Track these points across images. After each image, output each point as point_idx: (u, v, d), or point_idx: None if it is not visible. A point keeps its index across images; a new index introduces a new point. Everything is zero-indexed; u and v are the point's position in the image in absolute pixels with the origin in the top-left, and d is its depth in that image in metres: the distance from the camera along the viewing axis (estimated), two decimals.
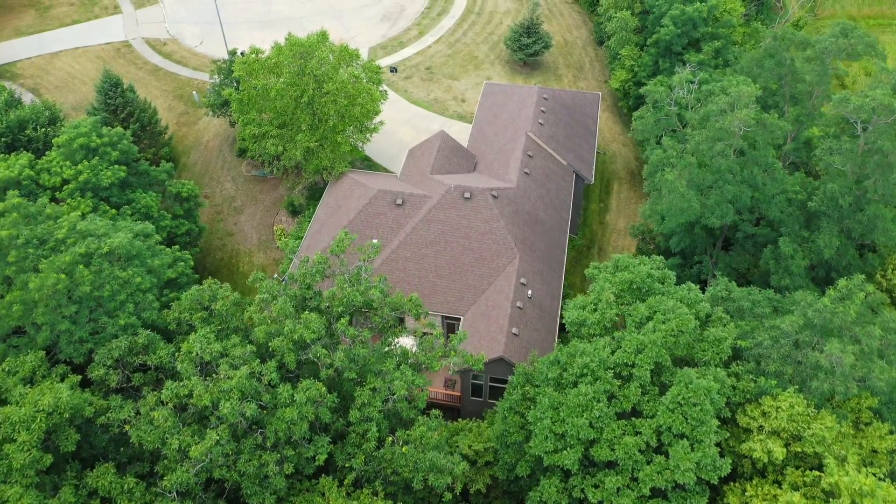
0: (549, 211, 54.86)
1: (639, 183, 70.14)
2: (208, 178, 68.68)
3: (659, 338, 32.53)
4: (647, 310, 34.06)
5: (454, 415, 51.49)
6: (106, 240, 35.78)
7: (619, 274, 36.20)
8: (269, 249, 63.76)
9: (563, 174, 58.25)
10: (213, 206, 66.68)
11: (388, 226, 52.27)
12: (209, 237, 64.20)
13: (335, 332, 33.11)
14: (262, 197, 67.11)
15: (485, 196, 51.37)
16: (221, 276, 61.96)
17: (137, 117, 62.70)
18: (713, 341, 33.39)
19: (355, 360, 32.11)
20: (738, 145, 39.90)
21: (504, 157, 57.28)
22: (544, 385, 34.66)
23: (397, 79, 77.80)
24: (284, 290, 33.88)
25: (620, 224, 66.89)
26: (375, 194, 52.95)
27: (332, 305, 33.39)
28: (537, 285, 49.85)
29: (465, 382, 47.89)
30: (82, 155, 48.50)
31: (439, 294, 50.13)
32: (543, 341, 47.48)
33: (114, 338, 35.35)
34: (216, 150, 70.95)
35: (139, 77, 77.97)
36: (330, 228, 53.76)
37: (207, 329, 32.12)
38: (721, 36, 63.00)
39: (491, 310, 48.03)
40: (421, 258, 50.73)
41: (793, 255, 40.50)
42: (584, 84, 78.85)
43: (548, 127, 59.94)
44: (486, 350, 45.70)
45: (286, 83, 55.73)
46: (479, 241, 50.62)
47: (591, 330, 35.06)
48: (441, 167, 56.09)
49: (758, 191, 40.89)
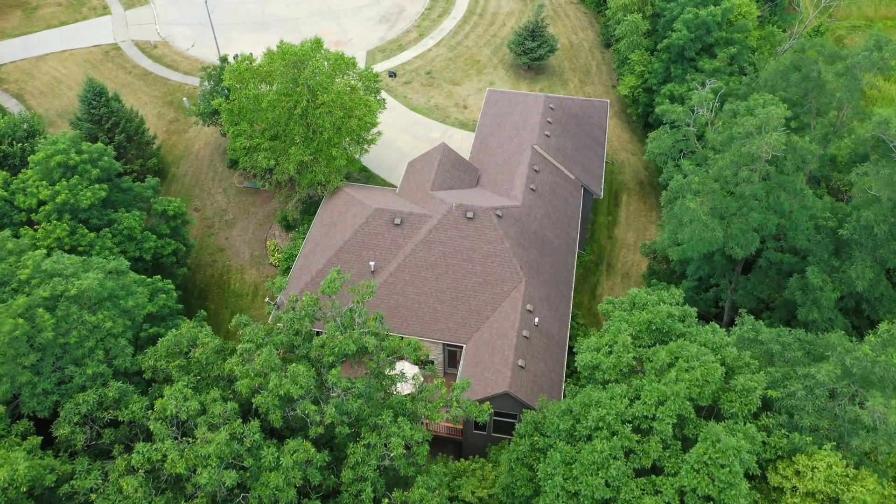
0: (556, 230, 51.86)
1: (649, 194, 67.15)
2: (199, 190, 65.67)
3: (682, 388, 29.61)
4: (668, 356, 31.11)
5: (456, 448, 48.68)
6: (74, 281, 32.70)
7: (637, 314, 33.21)
8: (262, 266, 60.82)
9: (570, 189, 55.22)
10: (203, 219, 63.70)
11: (386, 247, 49.30)
12: (199, 253, 61.27)
13: (326, 383, 30.19)
14: (255, 210, 64.12)
15: (488, 216, 48.36)
16: (212, 294, 59.11)
17: (123, 127, 59.67)
18: (741, 391, 30.45)
19: (348, 413, 29.20)
20: (764, 170, 36.89)
21: (508, 171, 54.24)
22: (555, 435, 31.77)
23: (396, 84, 74.68)
24: (270, 338, 30.90)
25: (630, 238, 63.90)
26: (372, 213, 49.95)
27: (322, 354, 30.45)
28: (544, 311, 46.90)
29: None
30: (60, 173, 45.52)
31: (440, 320, 47.20)
32: (551, 373, 44.58)
33: (82, 389, 32.35)
34: (207, 160, 67.91)
35: (128, 82, 74.87)
36: (324, 249, 50.79)
37: (184, 382, 29.18)
38: (736, 41, 59.85)
39: (495, 338, 45.10)
40: (421, 282, 47.78)
41: (822, 286, 37.55)
42: (590, 89, 75.71)
43: (554, 139, 56.87)
44: (490, 384, 42.83)
45: (279, 94, 52.70)
46: (483, 263, 47.65)
47: (606, 375, 32.11)
48: (442, 182, 53.07)
49: (784, 217, 37.90)
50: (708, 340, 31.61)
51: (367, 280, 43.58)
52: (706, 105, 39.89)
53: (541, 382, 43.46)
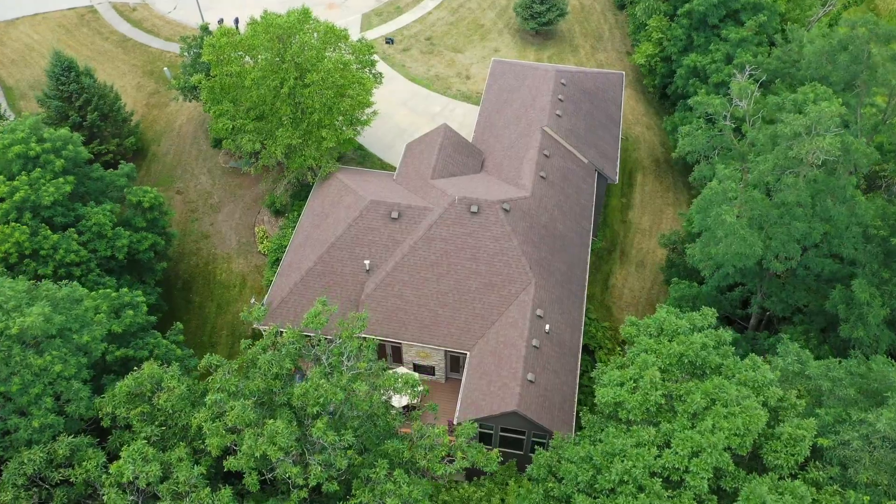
0: (568, 221, 47.47)
1: (665, 173, 62.52)
2: (181, 171, 61.04)
3: (721, 439, 25.73)
4: (703, 398, 27.14)
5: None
6: (15, 317, 28.44)
7: (666, 344, 29.10)
8: (251, 254, 56.61)
9: (583, 175, 50.62)
10: (186, 202, 59.25)
11: (383, 243, 45.02)
12: (182, 240, 57.01)
13: (310, 437, 26.28)
14: (242, 193, 59.59)
15: (494, 210, 43.94)
16: (196, 285, 55.05)
17: (96, 105, 54.85)
18: (788, 440, 26.57)
19: (337, 468, 25.40)
20: (811, 175, 32.41)
21: (516, 155, 49.58)
22: (572, 484, 28.02)
23: (394, 51, 69.30)
24: (245, 384, 26.86)
25: (645, 222, 59.51)
26: (367, 205, 45.51)
27: (306, 404, 26.47)
28: (555, 315, 42.86)
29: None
30: (19, 166, 41.04)
31: (441, 325, 43.21)
32: (563, 385, 40.76)
33: (28, 444, 28.44)
34: (190, 137, 63.08)
35: (105, 49, 69.53)
36: (314, 243, 46.51)
37: (142, 442, 25.20)
38: (764, 6, 54.39)
39: (502, 347, 41.17)
40: (420, 283, 43.64)
41: (869, 301, 33.41)
42: (603, 56, 70.31)
43: (566, 118, 52.02)
44: (496, 399, 39.06)
45: (263, 71, 47.74)
46: (488, 263, 43.43)
47: (631, 415, 28.19)
48: (444, 168, 48.49)
49: (830, 224, 33.55)
50: (748, 378, 27.59)
51: (356, 306, 39.46)
52: (746, 97, 35.13)
53: (552, 398, 39.69)
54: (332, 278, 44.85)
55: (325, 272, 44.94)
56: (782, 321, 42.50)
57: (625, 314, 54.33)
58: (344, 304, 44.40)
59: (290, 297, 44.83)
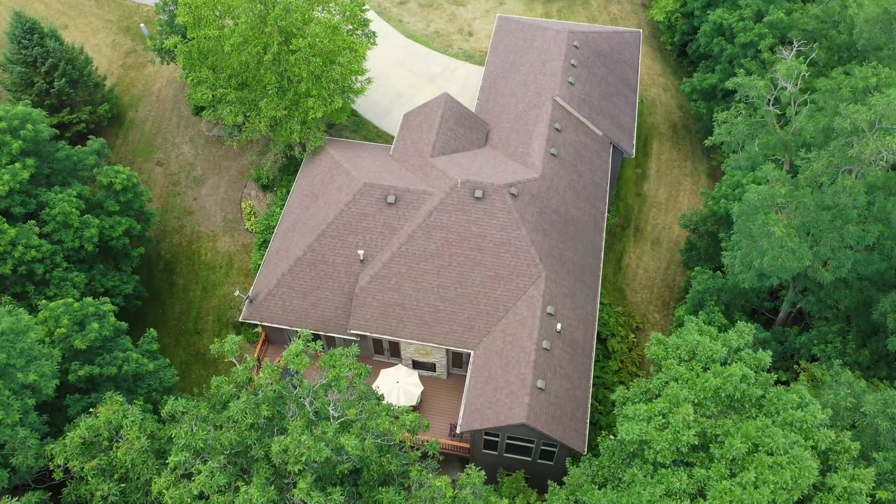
0: (581, 203, 43.37)
1: (683, 139, 58.02)
2: (161, 139, 56.54)
3: (765, 496, 22.31)
4: (744, 442, 23.65)
5: (461, 464, 42.22)
6: None
7: (702, 376, 25.43)
8: (237, 232, 52.65)
9: (597, 150, 46.26)
10: (168, 175, 54.97)
11: (378, 230, 41.05)
12: (164, 216, 53.01)
13: (293, 498, 22.83)
14: (227, 164, 55.25)
15: (501, 195, 39.81)
16: (180, 266, 51.26)
17: (63, 70, 50.05)
18: (842, 494, 23.19)
19: None
20: (872, 176, 28.22)
21: (524, 128, 45.13)
22: None
23: (390, 5, 63.90)
24: (216, 436, 23.24)
25: (661, 195, 55.33)
26: (361, 188, 41.36)
27: (286, 461, 22.91)
28: (567, 311, 39.19)
29: (475, 435, 38.17)
30: None
31: (442, 322, 39.60)
32: (576, 390, 37.38)
33: None
34: (170, 102, 58.36)
35: (76, 3, 64.09)
36: (304, 229, 42.56)
37: (99, 499, 21.83)
38: None
39: (509, 349, 37.64)
40: (419, 275, 39.85)
41: None
42: (616, 9, 64.90)
43: (579, 86, 47.34)
44: (503, 408, 35.73)
45: (243, 36, 42.92)
46: (494, 254, 39.54)
47: (659, 456, 24.75)
48: (445, 144, 44.15)
49: (886, 226, 29.48)
50: (796, 419, 24.03)
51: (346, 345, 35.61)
52: (793, 78, 30.50)
53: (563, 405, 36.33)
54: (322, 269, 41.07)
55: (315, 262, 41.12)
56: (814, 316, 38.80)
57: (638, 297, 50.73)
58: (336, 298, 40.74)
59: (277, 290, 41.13)
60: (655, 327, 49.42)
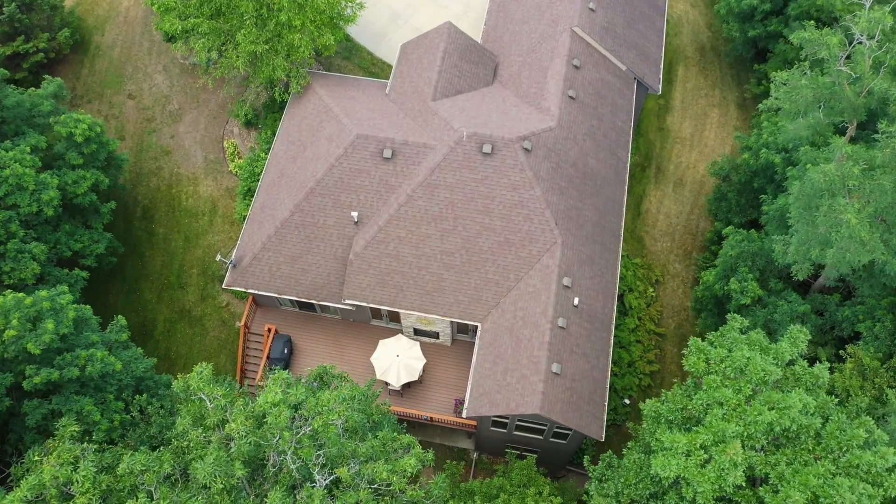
0: (601, 153, 38.61)
1: (712, 64, 52.32)
2: (132, 68, 50.85)
3: None
4: (804, 494, 20.25)
5: (468, 437, 39.53)
6: None
7: (756, 408, 21.73)
8: (221, 175, 48.02)
9: (620, 87, 40.99)
10: (141, 109, 49.73)
11: (374, 189, 36.55)
12: (140, 156, 48.28)
13: None
14: (206, 97, 49.85)
15: (513, 150, 35.04)
16: (159, 213, 46.97)
17: None
18: None
19: None
20: None
21: (538, 64, 39.73)
22: None
23: None
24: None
25: (686, 129, 50.28)
26: (353, 140, 36.53)
27: None
28: (585, 281, 35.28)
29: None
30: None
31: (447, 292, 35.77)
32: (593, 370, 34.00)
33: None
34: (140, 24, 52.22)
35: None
36: (291, 184, 38.05)
37: None
38: None
39: (521, 325, 33.99)
40: (420, 240, 35.70)
41: None
42: None
43: (601, 13, 41.49)
44: (514, 394, 32.48)
45: None
46: (504, 217, 35.23)
47: (699, 497, 21.44)
48: (448, 84, 38.93)
49: None
50: (864, 462, 20.57)
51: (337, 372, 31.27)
52: (875, 32, 25.02)
53: (580, 389, 33.04)
54: (312, 231, 36.87)
55: (304, 223, 36.87)
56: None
57: (658, 245, 46.69)
58: (328, 264, 36.77)
59: (263, 254, 37.09)
60: (676, 279, 45.67)
